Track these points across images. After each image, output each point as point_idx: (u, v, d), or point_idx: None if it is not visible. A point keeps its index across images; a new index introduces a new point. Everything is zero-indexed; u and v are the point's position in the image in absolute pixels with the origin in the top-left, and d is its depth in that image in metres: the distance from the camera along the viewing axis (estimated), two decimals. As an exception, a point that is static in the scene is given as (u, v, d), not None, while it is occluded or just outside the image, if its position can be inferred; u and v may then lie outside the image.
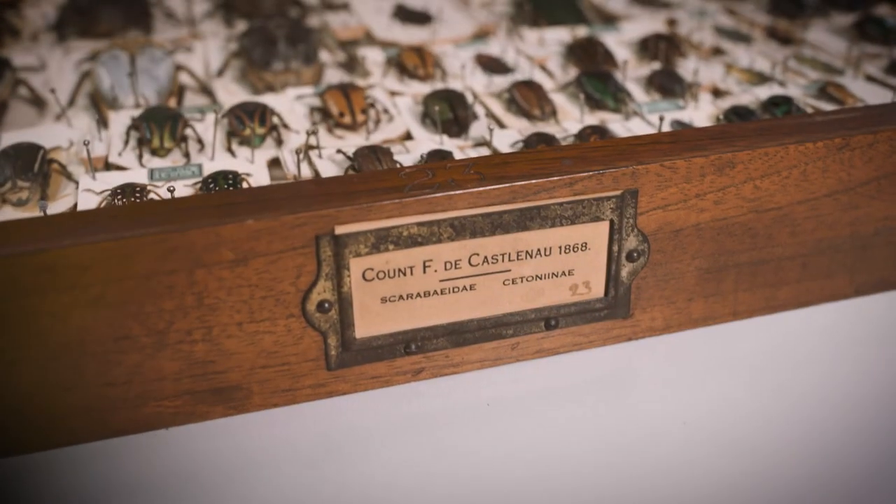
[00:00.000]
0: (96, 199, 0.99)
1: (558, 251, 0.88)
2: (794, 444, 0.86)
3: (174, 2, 1.66)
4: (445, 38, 1.44)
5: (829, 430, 0.87)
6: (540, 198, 0.85)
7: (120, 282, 0.77)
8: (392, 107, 1.21)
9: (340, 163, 1.05)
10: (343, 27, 1.48)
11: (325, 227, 0.80)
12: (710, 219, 0.91)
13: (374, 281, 0.84)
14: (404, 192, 0.81)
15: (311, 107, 1.20)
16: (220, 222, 0.77)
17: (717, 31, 1.46)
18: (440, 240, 0.83)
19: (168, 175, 1.04)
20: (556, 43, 1.42)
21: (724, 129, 0.93)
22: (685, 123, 1.12)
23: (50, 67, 1.41)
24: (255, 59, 1.31)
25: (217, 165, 1.06)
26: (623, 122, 1.14)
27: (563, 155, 0.87)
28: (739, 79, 1.27)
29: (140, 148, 1.09)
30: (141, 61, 1.29)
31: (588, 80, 1.20)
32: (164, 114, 1.12)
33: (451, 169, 0.85)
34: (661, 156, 0.88)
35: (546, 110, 1.16)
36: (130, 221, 0.77)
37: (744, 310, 0.99)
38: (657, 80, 1.23)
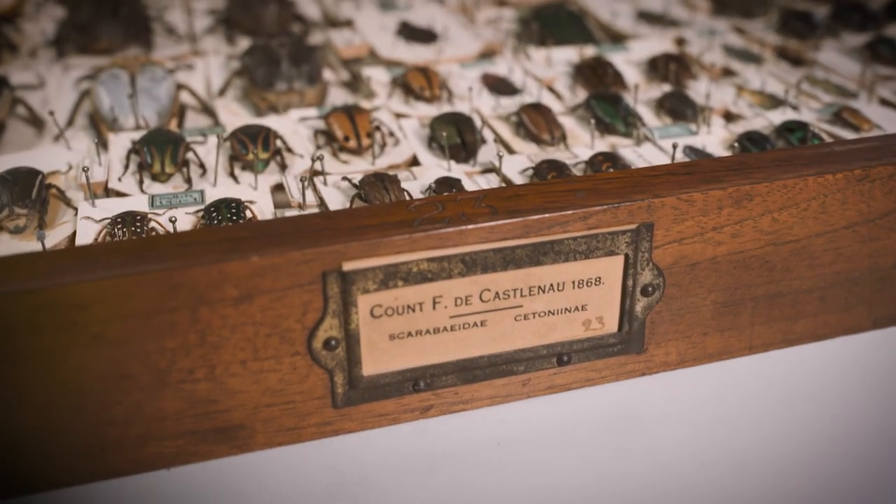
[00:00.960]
0: (95, 227, 0.96)
1: (571, 286, 0.85)
2: (815, 479, 0.83)
3: (175, 17, 1.64)
4: (451, 58, 1.41)
5: (849, 465, 0.85)
6: (553, 232, 0.82)
7: (121, 320, 0.75)
8: (398, 129, 1.19)
9: (346, 190, 1.02)
10: (346, 45, 1.45)
11: (333, 263, 0.77)
12: (727, 252, 0.89)
13: (382, 317, 0.81)
14: (414, 227, 0.79)
15: (315, 129, 1.17)
16: (223, 259, 0.75)
17: (726, 51, 1.43)
18: (451, 275, 0.81)
19: (169, 202, 1.01)
20: (564, 62, 1.40)
21: (740, 159, 0.90)
22: (698, 149, 1.10)
23: (49, 85, 1.39)
24: (257, 79, 1.29)
25: (219, 192, 1.03)
26: (634, 147, 1.11)
27: (576, 187, 0.85)
28: (751, 101, 1.25)
29: (140, 173, 1.07)
30: (141, 81, 1.27)
31: (598, 103, 1.18)
32: (165, 137, 1.09)
33: (461, 202, 0.82)
34: (677, 188, 0.85)
35: (555, 135, 1.13)
36: (131, 258, 0.75)
37: (760, 343, 0.96)
38: (668, 104, 1.20)
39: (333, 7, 1.65)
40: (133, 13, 1.51)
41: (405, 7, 1.60)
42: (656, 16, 1.60)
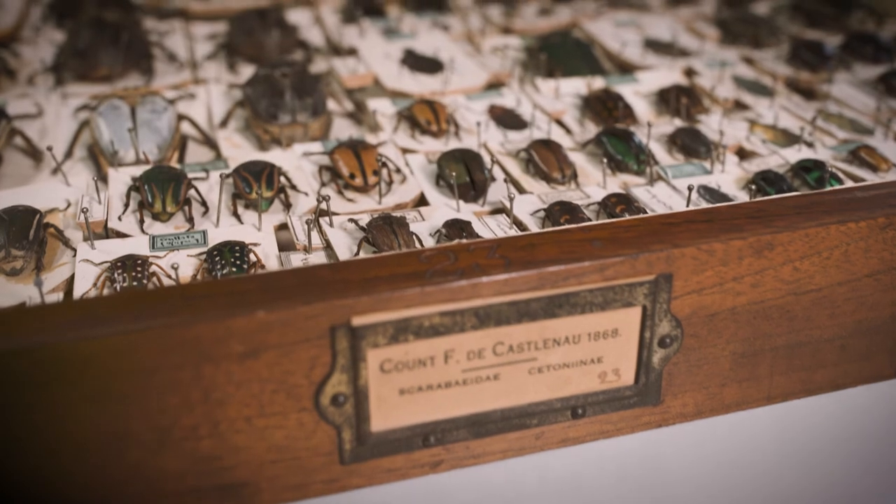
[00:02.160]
0: (95, 271, 0.93)
1: (587, 338, 0.83)
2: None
3: (175, 42, 1.61)
4: (457, 89, 1.39)
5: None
6: (569, 284, 0.79)
7: (121, 377, 0.72)
8: (404, 165, 1.16)
9: (352, 232, 0.99)
10: (351, 75, 1.43)
11: (341, 317, 0.74)
12: (747, 302, 0.86)
13: (392, 372, 0.78)
14: (426, 279, 0.76)
15: (319, 165, 1.15)
16: (228, 314, 0.72)
17: (737, 82, 1.41)
18: (463, 329, 0.78)
19: (171, 244, 0.98)
20: (572, 93, 1.37)
21: (760, 206, 0.88)
22: (713, 189, 1.07)
23: (47, 114, 1.36)
24: (260, 111, 1.26)
25: (222, 233, 1.00)
26: (648, 188, 1.09)
27: (592, 236, 0.82)
28: (764, 137, 1.23)
29: (141, 211, 1.04)
30: (142, 112, 1.24)
31: (609, 140, 1.15)
32: (166, 175, 1.07)
33: (474, 252, 0.80)
34: (696, 237, 0.83)
35: (566, 173, 1.11)
36: (133, 313, 0.72)
37: (779, 393, 0.93)
38: (680, 140, 1.18)
39: (336, 33, 1.62)
40: (133, 39, 1.48)
41: (410, 35, 1.58)
42: (664, 44, 1.58)
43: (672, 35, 1.62)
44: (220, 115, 1.35)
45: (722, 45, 1.61)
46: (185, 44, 1.61)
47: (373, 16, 1.69)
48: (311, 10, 1.79)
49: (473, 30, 1.63)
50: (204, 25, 1.70)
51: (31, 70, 1.50)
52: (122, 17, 1.55)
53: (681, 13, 1.75)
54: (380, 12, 1.72)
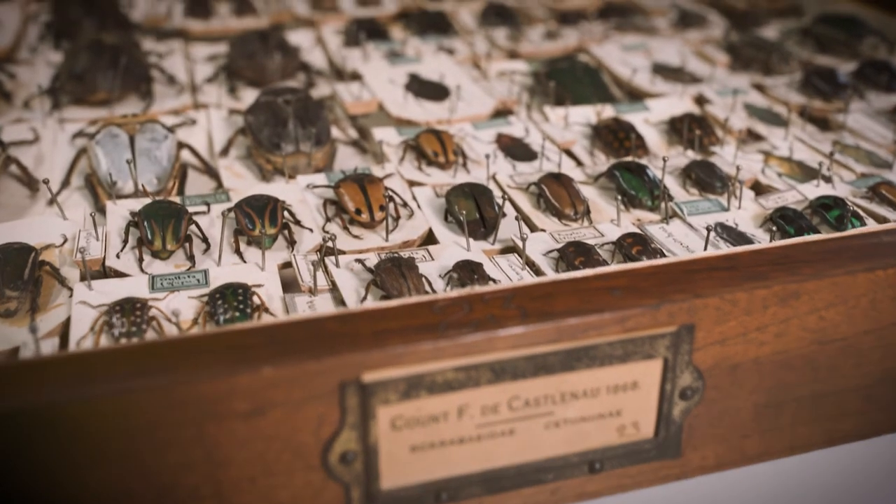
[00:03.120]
0: (92, 313, 0.90)
1: (606, 391, 0.79)
2: None
3: (174, 64, 1.58)
4: (464, 117, 1.36)
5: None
6: (588, 336, 0.76)
7: (120, 436, 0.68)
8: (411, 199, 1.13)
9: (359, 273, 0.96)
10: (355, 101, 1.39)
11: (351, 374, 0.71)
12: (771, 352, 0.83)
13: (403, 429, 0.75)
14: (439, 332, 0.73)
15: (324, 199, 1.11)
16: (233, 371, 0.69)
17: (749, 111, 1.38)
18: (478, 384, 0.75)
19: (171, 284, 0.95)
20: (581, 121, 1.34)
21: (785, 251, 0.85)
22: (730, 228, 1.04)
23: (43, 139, 1.33)
24: (262, 140, 1.23)
25: (224, 273, 0.97)
26: (663, 225, 1.05)
27: (611, 284, 0.79)
28: (780, 170, 1.20)
29: (140, 249, 1.01)
30: (141, 141, 1.20)
31: (622, 174, 1.12)
32: (166, 210, 1.03)
33: (489, 302, 0.76)
34: (719, 286, 0.79)
35: (579, 209, 1.07)
36: (133, 368, 0.69)
37: (802, 444, 0.90)
38: (695, 174, 1.15)
39: (338, 56, 1.59)
40: (132, 62, 1.45)
41: (414, 59, 1.55)
42: (673, 69, 1.55)
43: (681, 60, 1.59)
44: (221, 142, 1.31)
45: (732, 70, 1.58)
46: (185, 65, 1.58)
47: (376, 38, 1.66)
48: (312, 29, 1.77)
49: (479, 53, 1.60)
50: (204, 46, 1.67)
51: (28, 93, 1.47)
52: (120, 39, 1.52)
53: (689, 36, 1.73)
54: (383, 35, 1.69)
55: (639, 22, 1.75)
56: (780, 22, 1.83)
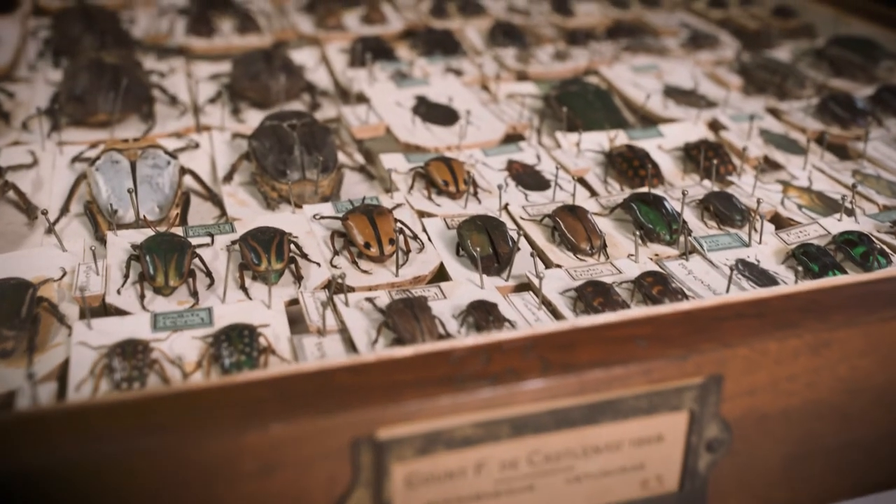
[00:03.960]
0: (91, 355, 0.86)
1: (629, 445, 0.76)
2: None
3: (176, 83, 1.55)
4: (474, 143, 1.32)
5: None
6: (612, 388, 0.73)
7: (121, 497, 0.65)
8: (421, 231, 1.09)
9: (369, 312, 0.92)
10: (361, 126, 1.36)
11: (365, 430, 0.68)
12: (800, 402, 0.80)
13: (419, 486, 0.71)
14: (457, 385, 0.69)
15: (332, 231, 1.08)
16: (241, 429, 0.65)
17: (765, 137, 1.35)
18: (497, 439, 0.71)
19: (174, 323, 0.91)
20: (593, 146, 1.31)
21: (814, 296, 0.81)
22: (752, 265, 1.00)
23: (42, 163, 1.29)
24: (267, 167, 1.19)
25: (229, 311, 0.93)
26: (682, 262, 1.02)
27: (635, 333, 0.76)
28: (800, 202, 1.16)
29: (141, 285, 0.97)
30: (142, 167, 1.17)
31: (640, 207, 1.09)
32: (168, 244, 1.00)
33: (508, 352, 0.73)
34: (748, 335, 0.76)
35: (595, 244, 1.04)
36: (135, 426, 0.65)
37: (830, 494, 0.87)
38: (713, 207, 1.11)
39: (344, 76, 1.56)
40: (133, 82, 1.41)
41: (421, 80, 1.51)
42: (685, 92, 1.52)
43: (693, 82, 1.56)
44: (224, 167, 1.28)
45: (745, 93, 1.55)
46: (186, 83, 1.55)
47: (381, 58, 1.63)
48: (316, 47, 1.73)
49: (487, 75, 1.57)
50: (206, 64, 1.64)
51: (26, 113, 1.44)
52: (121, 59, 1.48)
53: (700, 57, 1.70)
54: (389, 54, 1.66)
55: (649, 42, 1.72)
56: (792, 42, 1.80)
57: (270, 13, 1.91)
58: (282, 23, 1.84)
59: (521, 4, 1.96)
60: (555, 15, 1.91)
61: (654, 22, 1.88)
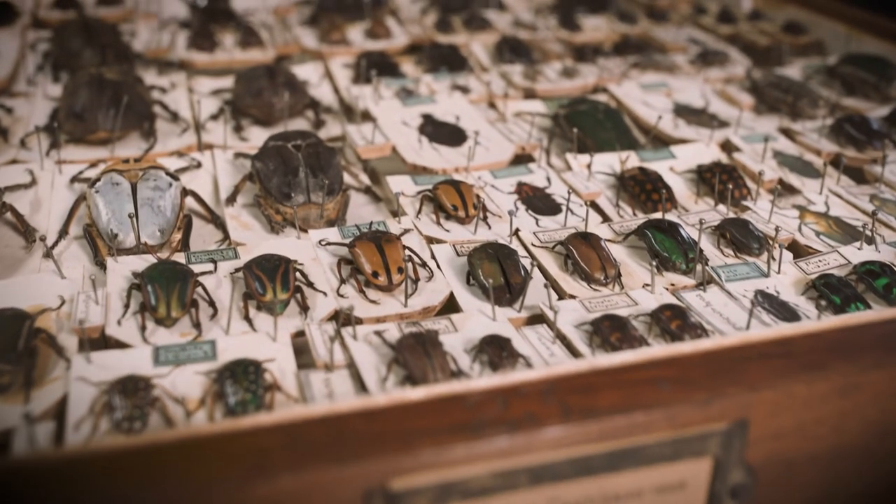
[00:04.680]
0: (91, 392, 0.83)
1: (651, 492, 0.73)
2: None
3: (178, 98, 1.52)
4: (482, 164, 1.29)
5: None
6: (634, 434, 0.70)
7: (121, 551, 0.62)
8: (430, 258, 1.06)
9: (378, 346, 0.89)
10: (367, 146, 1.33)
11: (377, 480, 0.65)
12: (827, 446, 0.77)
13: (432, 537, 0.68)
14: (474, 432, 0.66)
15: (338, 257, 1.05)
16: (248, 479, 0.62)
17: (779, 161, 1.32)
18: (515, 488, 0.68)
19: (176, 357, 0.88)
20: (604, 168, 1.28)
21: (841, 335, 0.79)
22: (772, 297, 0.98)
23: (41, 182, 1.26)
24: (271, 189, 1.16)
25: (233, 344, 0.90)
26: (700, 293, 0.99)
27: (657, 375, 0.73)
28: (817, 228, 1.13)
29: (143, 316, 0.94)
30: (143, 189, 1.14)
31: (655, 235, 1.06)
32: (171, 273, 0.97)
33: (526, 396, 0.70)
34: (774, 377, 0.73)
35: (609, 274, 1.01)
36: (136, 477, 0.62)
37: (855, 539, 0.84)
38: (729, 234, 1.08)
39: (348, 93, 1.53)
40: (134, 99, 1.38)
41: (427, 98, 1.48)
42: (695, 110, 1.50)
43: (703, 101, 1.53)
44: (227, 187, 1.25)
45: (756, 112, 1.53)
46: (188, 100, 1.52)
47: (386, 74, 1.60)
48: (320, 61, 1.71)
49: (494, 92, 1.54)
50: (208, 79, 1.61)
51: (25, 129, 1.41)
52: (122, 75, 1.45)
53: (709, 74, 1.67)
54: (393, 70, 1.63)
55: (658, 59, 1.69)
56: (803, 59, 1.77)
57: (273, 25, 1.89)
58: (284, 37, 1.82)
59: (526, 19, 1.94)
60: (561, 30, 1.88)
61: (662, 37, 1.85)
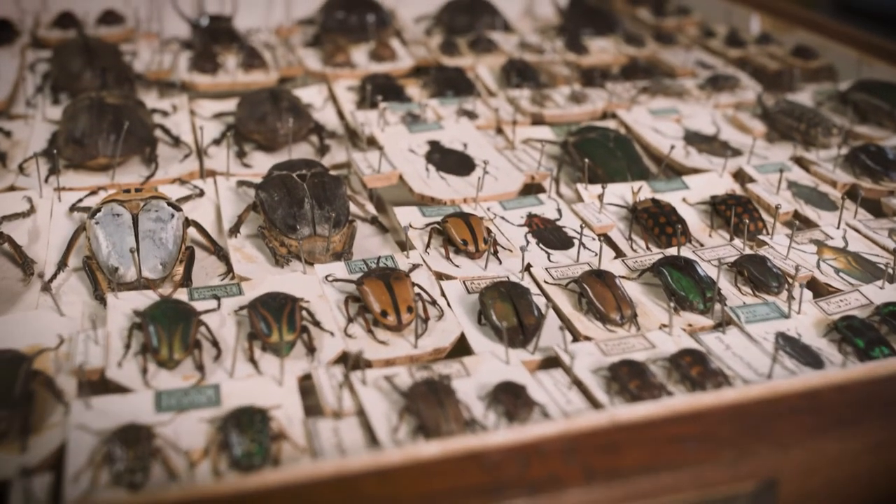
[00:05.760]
0: (90, 441, 0.80)
1: (676, 554, 0.70)
2: None
3: (179, 120, 1.49)
4: (491, 195, 1.26)
5: None
6: (660, 496, 0.67)
7: None
8: (439, 295, 1.03)
9: (388, 393, 0.86)
10: (373, 175, 1.30)
11: (393, 547, 0.62)
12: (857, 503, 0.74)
13: None
14: (493, 496, 0.63)
15: (346, 295, 1.02)
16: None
17: (794, 192, 1.29)
18: (535, 553, 0.65)
19: (179, 402, 0.85)
20: (616, 198, 1.25)
21: (873, 389, 0.76)
22: (794, 339, 0.95)
23: (39, 210, 1.23)
24: (276, 221, 1.14)
25: (238, 388, 0.87)
26: (720, 335, 0.96)
27: (683, 432, 0.70)
28: (836, 265, 1.11)
29: (144, 358, 0.91)
30: (145, 221, 1.11)
31: (671, 273, 1.03)
32: (173, 313, 0.94)
33: (547, 456, 0.67)
34: (804, 434, 0.70)
35: (626, 314, 0.98)
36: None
37: None
38: (747, 272, 1.06)
39: (352, 118, 1.50)
40: (136, 124, 1.35)
41: (435, 125, 1.45)
42: (706, 137, 1.47)
43: (714, 127, 1.51)
44: (230, 216, 1.22)
45: (768, 140, 1.50)
46: (190, 122, 1.49)
47: (391, 98, 1.57)
48: (324, 83, 1.68)
49: (502, 117, 1.51)
50: (210, 102, 1.59)
51: (24, 153, 1.38)
52: (123, 99, 1.42)
53: (719, 99, 1.64)
54: (399, 93, 1.60)
55: (667, 84, 1.66)
56: (813, 84, 1.75)
57: (275, 45, 1.86)
58: (288, 58, 1.79)
59: (533, 40, 1.91)
60: (568, 52, 1.86)
61: (670, 61, 1.83)
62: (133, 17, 1.94)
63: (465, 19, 2.01)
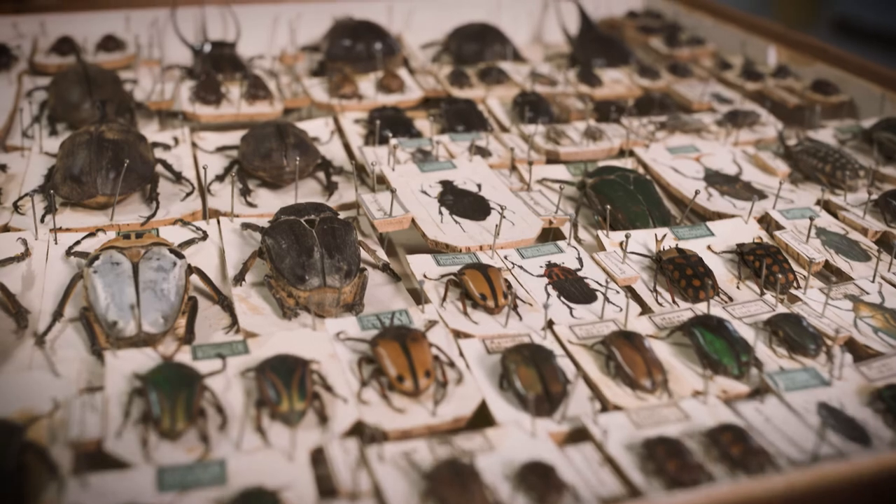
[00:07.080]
0: (87, 526, 0.74)
1: None
2: None
3: (181, 158, 1.44)
4: (508, 242, 1.21)
5: None
6: None
7: None
8: (457, 356, 0.98)
9: (407, 471, 0.80)
10: (384, 220, 1.24)
11: None
12: None
13: None
14: None
15: (358, 355, 0.96)
16: None
17: (824, 241, 1.24)
18: None
19: (182, 480, 0.79)
20: (639, 246, 1.20)
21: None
22: (837, 411, 0.89)
23: (35, 252, 1.18)
24: (283, 271, 1.08)
25: (245, 465, 0.81)
26: (758, 406, 0.91)
27: (732, 531, 0.64)
28: (874, 323, 1.05)
29: (145, 427, 0.85)
30: (145, 270, 1.05)
31: (704, 335, 0.97)
32: (176, 379, 0.88)
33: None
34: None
35: (657, 380, 0.93)
36: None
37: None
38: (782, 332, 1.00)
39: (360, 154, 1.45)
40: (136, 161, 1.29)
41: (447, 164, 1.40)
42: (727, 177, 1.42)
43: (737, 167, 1.46)
44: (234, 262, 1.17)
45: (791, 181, 1.45)
46: (191, 155, 1.44)
47: (400, 132, 1.52)
48: (329, 113, 1.63)
49: (516, 155, 1.46)
50: (213, 134, 1.53)
51: (20, 189, 1.32)
52: (123, 132, 1.36)
53: (740, 136, 1.59)
54: (408, 127, 1.55)
55: (685, 120, 1.61)
56: (835, 121, 1.70)
57: (279, 73, 1.81)
58: (293, 88, 1.73)
59: (544, 70, 1.86)
60: (581, 84, 1.80)
61: (686, 94, 1.78)
62: (133, 43, 1.88)
63: (474, 47, 1.95)
